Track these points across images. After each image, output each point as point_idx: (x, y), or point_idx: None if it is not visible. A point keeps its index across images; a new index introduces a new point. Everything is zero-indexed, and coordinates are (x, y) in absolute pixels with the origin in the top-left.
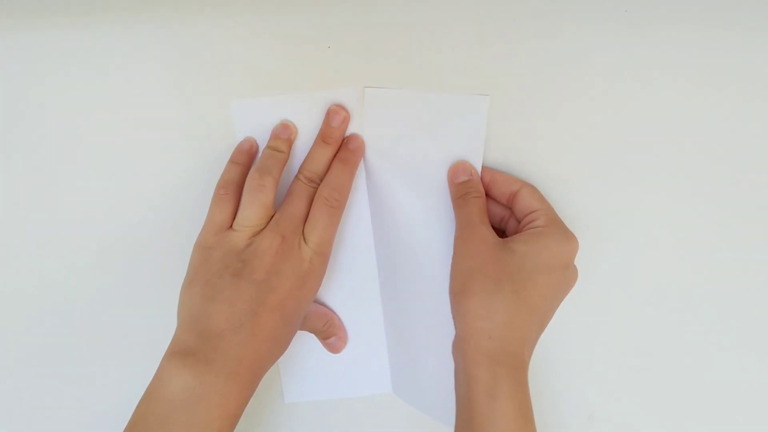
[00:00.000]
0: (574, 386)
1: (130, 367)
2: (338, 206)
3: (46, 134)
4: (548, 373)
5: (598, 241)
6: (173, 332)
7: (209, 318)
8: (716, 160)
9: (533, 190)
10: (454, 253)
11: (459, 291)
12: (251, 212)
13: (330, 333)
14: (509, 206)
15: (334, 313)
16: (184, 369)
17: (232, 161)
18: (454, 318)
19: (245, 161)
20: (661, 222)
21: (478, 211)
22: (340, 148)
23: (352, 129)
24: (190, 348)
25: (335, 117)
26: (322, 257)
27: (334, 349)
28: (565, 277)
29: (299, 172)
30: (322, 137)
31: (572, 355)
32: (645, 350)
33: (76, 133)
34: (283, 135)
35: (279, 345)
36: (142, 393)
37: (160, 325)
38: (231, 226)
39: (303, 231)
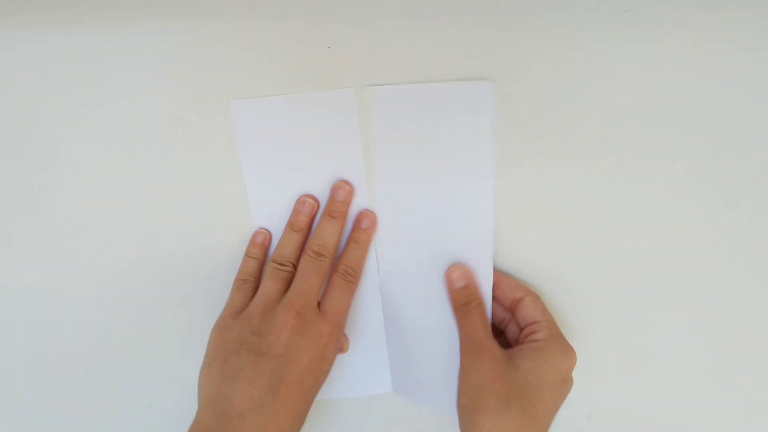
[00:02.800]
0: (574, 386)
1: None
2: (354, 281)
3: (47, 134)
4: None
5: (599, 241)
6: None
7: (229, 398)
8: (719, 161)
9: (536, 299)
10: (462, 368)
11: (469, 407)
12: (269, 287)
13: (343, 348)
14: (511, 311)
15: None
16: None
17: (249, 256)
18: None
19: (261, 255)
20: (662, 223)
21: (482, 324)
22: (353, 228)
23: (348, 129)
24: (210, 430)
25: (339, 192)
26: (339, 328)
27: (343, 352)
28: (564, 389)
29: (308, 247)
30: (329, 212)
31: None
32: (645, 350)
33: (77, 133)
34: (304, 212)
35: (299, 420)
36: None
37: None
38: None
39: (319, 304)
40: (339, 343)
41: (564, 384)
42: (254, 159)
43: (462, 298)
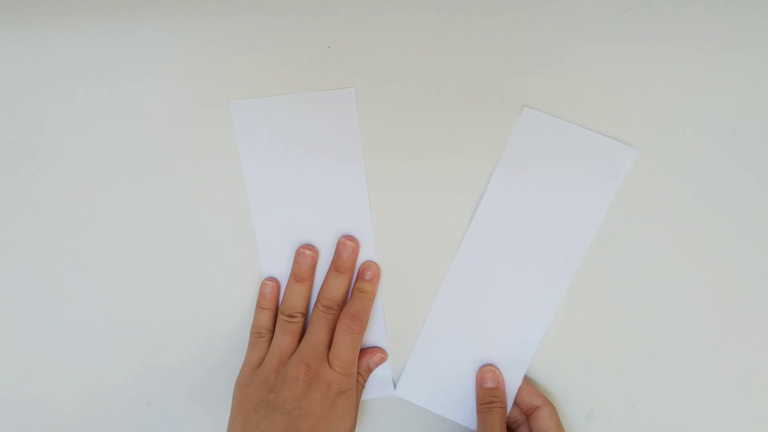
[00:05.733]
0: (574, 386)
1: None
2: (359, 332)
3: (47, 135)
4: (548, 373)
5: (599, 241)
6: None
7: None
8: (720, 160)
9: (552, 410)
10: None
11: None
12: (280, 342)
13: (369, 368)
14: (527, 415)
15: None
16: None
17: (260, 307)
18: None
19: (271, 305)
20: (661, 222)
21: (499, 424)
22: (358, 278)
23: (349, 128)
24: None
25: (345, 249)
26: (348, 377)
27: (383, 362)
28: None
29: (318, 301)
30: (335, 267)
31: (572, 355)
32: (645, 350)
33: (77, 133)
34: (305, 264)
35: None
36: None
37: None
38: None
39: (327, 356)
40: (351, 390)
41: None
42: (254, 159)
43: (488, 397)
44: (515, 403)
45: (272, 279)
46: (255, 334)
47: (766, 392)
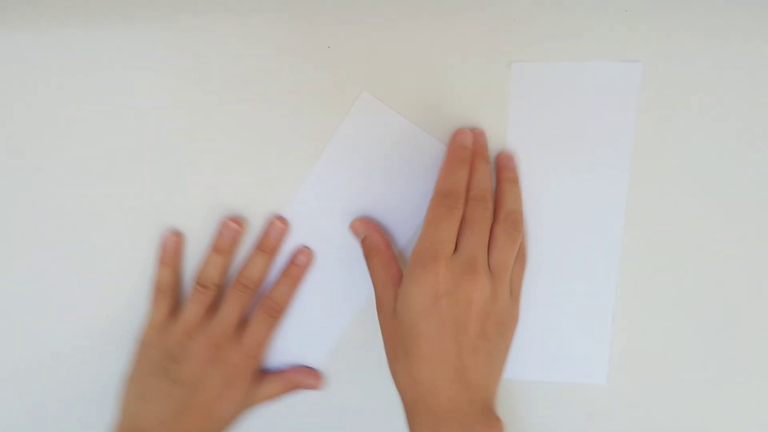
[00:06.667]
0: (574, 385)
1: None
2: (277, 317)
3: (47, 135)
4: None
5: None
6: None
7: (141, 417)
8: (720, 160)
9: (430, 206)
10: None
11: (388, 364)
12: (190, 314)
13: (296, 385)
14: None
15: (292, 367)
16: None
17: (162, 263)
18: None
19: (173, 262)
20: (660, 221)
21: (377, 274)
22: (289, 263)
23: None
24: None
25: (273, 230)
26: (254, 360)
27: (312, 388)
28: (443, 306)
29: (236, 279)
30: (260, 247)
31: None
32: (645, 350)
33: (77, 133)
34: (227, 236)
35: None
36: None
37: None
38: (169, 324)
39: (239, 335)
40: (252, 375)
41: (438, 304)
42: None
43: (364, 250)
44: None
45: (175, 234)
46: (156, 291)
47: (767, 392)
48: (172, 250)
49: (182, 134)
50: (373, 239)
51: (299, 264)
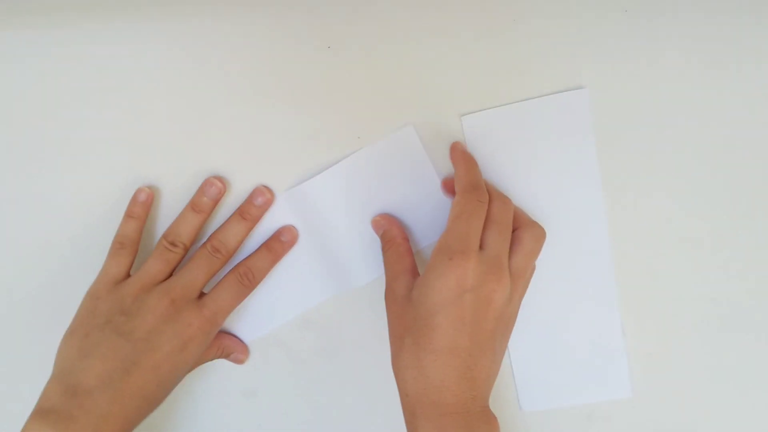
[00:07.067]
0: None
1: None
2: (249, 286)
3: (47, 135)
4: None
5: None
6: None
7: (80, 373)
8: (719, 157)
9: (457, 202)
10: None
11: (391, 356)
12: (151, 267)
13: (227, 352)
14: None
15: (226, 333)
16: (46, 427)
17: (129, 216)
18: None
19: (142, 214)
20: (661, 221)
21: (392, 263)
22: (272, 237)
23: (419, 167)
24: (54, 405)
25: (259, 197)
26: (213, 326)
27: (238, 362)
28: (465, 302)
29: (208, 240)
30: (240, 212)
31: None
32: (645, 350)
33: (77, 133)
34: (209, 194)
35: (149, 403)
36: None
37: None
38: (123, 280)
39: (201, 297)
40: (208, 338)
41: (461, 299)
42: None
43: (383, 243)
44: None
45: (149, 187)
46: (117, 243)
47: (767, 392)
48: (141, 203)
49: (182, 134)
50: (392, 232)
51: (283, 240)
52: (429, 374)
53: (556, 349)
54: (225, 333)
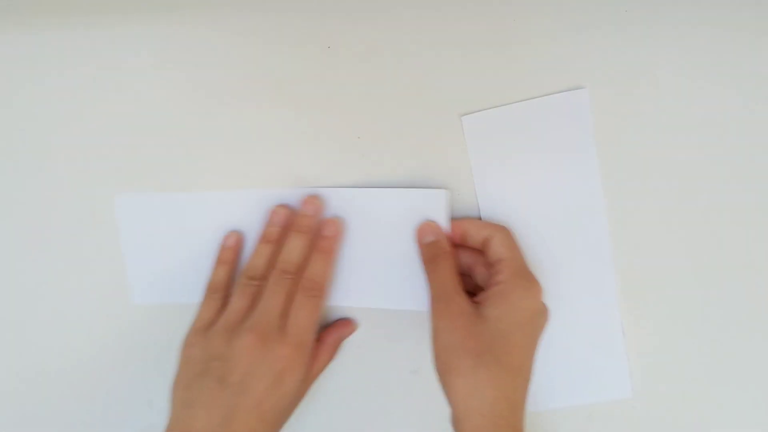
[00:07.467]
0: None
1: None
2: (319, 296)
3: (47, 135)
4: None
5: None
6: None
7: (189, 423)
8: (720, 156)
9: (504, 237)
10: (432, 324)
11: (444, 370)
12: (236, 306)
13: (339, 342)
14: (483, 253)
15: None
16: None
17: (220, 262)
18: (445, 396)
19: (232, 258)
20: (661, 221)
21: (450, 277)
22: (317, 237)
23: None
24: None
25: (309, 206)
26: (303, 348)
27: (353, 332)
28: (537, 323)
29: (276, 265)
30: (296, 228)
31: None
32: (644, 350)
33: (77, 133)
34: (278, 223)
35: None
36: None
37: None
38: (213, 323)
39: (283, 324)
40: (303, 364)
41: (534, 320)
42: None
43: (431, 252)
44: (469, 247)
45: (236, 233)
46: (209, 289)
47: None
48: (230, 248)
49: (181, 134)
50: (443, 243)
51: (329, 236)
52: (508, 394)
53: (556, 349)
54: (327, 330)
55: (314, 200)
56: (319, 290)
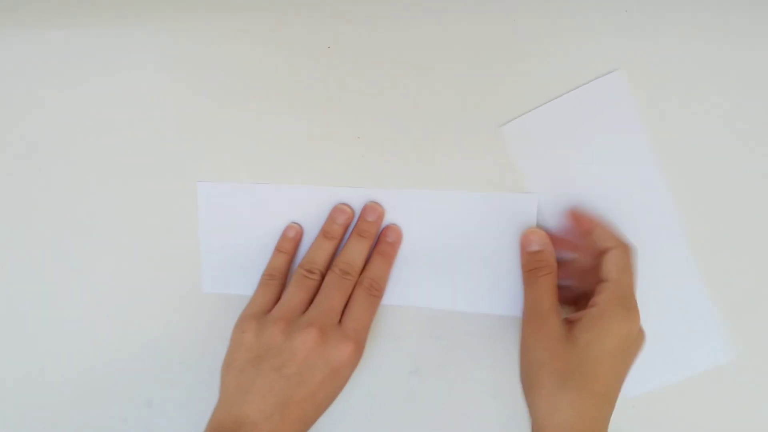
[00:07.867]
0: None
1: None
2: (378, 295)
3: (47, 135)
4: None
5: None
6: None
7: (242, 406)
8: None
9: (620, 255)
10: (522, 339)
11: (528, 385)
12: (293, 296)
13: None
14: (597, 261)
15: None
16: None
17: (279, 250)
18: (528, 408)
19: (291, 249)
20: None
21: (548, 294)
22: (379, 242)
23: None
24: (226, 430)
25: (371, 213)
26: (359, 344)
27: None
28: (630, 351)
29: (334, 264)
30: (359, 231)
31: None
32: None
33: (77, 133)
34: (340, 220)
35: (308, 425)
36: None
37: None
38: (270, 310)
39: (341, 320)
40: (358, 358)
41: (627, 347)
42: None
43: (533, 262)
44: (588, 251)
45: (297, 224)
46: (267, 275)
47: (766, 391)
48: (290, 239)
49: (181, 134)
50: (547, 255)
51: (390, 241)
52: (589, 417)
53: (652, 329)
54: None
55: (377, 207)
56: (379, 290)
